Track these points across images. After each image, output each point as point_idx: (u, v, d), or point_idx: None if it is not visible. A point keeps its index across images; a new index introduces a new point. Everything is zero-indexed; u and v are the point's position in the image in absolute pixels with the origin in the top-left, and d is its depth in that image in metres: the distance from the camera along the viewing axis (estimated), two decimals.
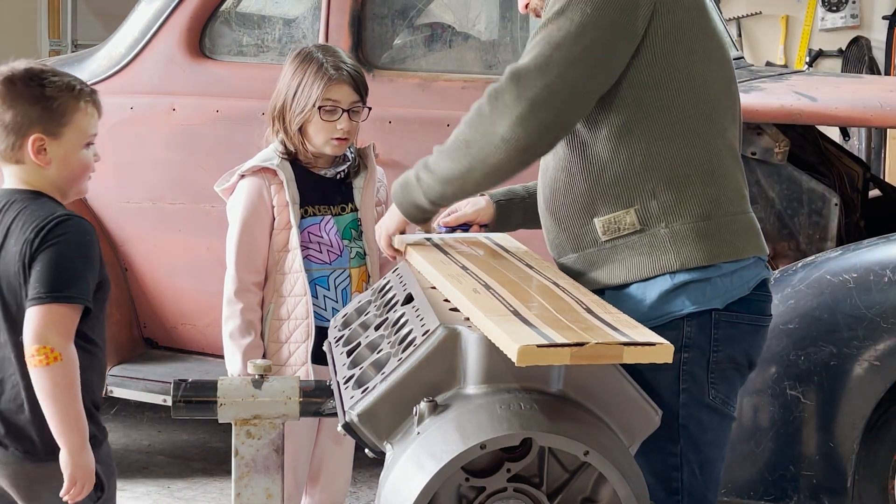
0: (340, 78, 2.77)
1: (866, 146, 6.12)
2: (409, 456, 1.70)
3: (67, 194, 2.34)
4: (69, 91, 2.26)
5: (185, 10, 3.70)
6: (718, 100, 2.11)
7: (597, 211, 2.08)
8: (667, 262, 2.04)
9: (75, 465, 2.20)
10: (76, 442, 2.20)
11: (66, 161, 2.28)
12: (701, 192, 2.05)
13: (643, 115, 2.04)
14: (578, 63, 1.97)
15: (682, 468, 2.09)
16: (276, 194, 2.80)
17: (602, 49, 1.99)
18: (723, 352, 2.07)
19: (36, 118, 2.24)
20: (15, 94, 2.25)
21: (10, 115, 2.24)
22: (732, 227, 2.07)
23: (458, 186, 2.09)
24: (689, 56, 2.06)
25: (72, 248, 2.22)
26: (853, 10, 7.61)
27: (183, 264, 3.74)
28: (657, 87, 2.04)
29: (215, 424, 2.49)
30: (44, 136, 2.24)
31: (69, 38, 8.92)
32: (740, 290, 2.08)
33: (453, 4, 4.12)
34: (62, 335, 2.18)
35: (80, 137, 2.28)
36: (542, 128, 1.98)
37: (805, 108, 3.25)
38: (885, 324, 2.84)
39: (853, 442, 2.89)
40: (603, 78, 2.01)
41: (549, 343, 1.60)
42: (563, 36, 1.98)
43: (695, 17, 2.08)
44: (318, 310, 2.82)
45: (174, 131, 3.70)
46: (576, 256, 2.12)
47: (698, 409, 2.08)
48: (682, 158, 2.05)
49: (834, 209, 3.24)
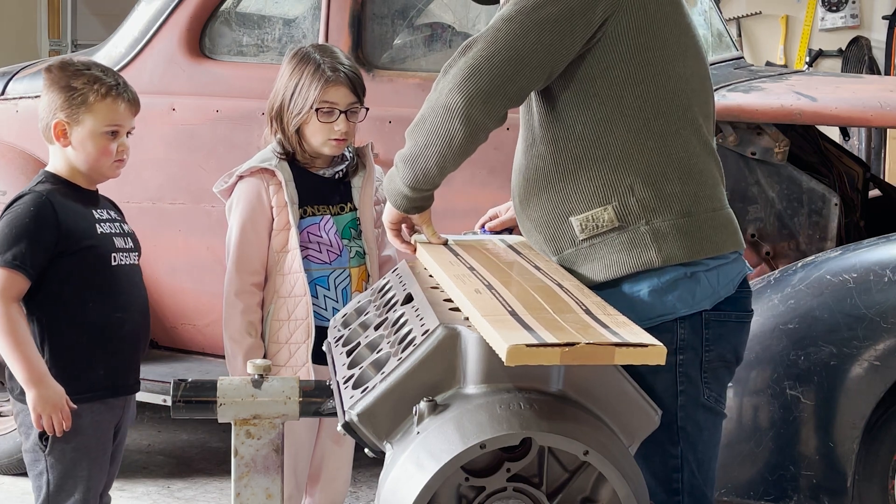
0: (338, 79, 2.77)
1: (866, 146, 6.12)
2: (409, 455, 1.70)
3: (92, 176, 2.62)
4: (92, 83, 2.55)
5: (185, 10, 3.70)
6: (694, 94, 2.10)
7: (573, 209, 2.06)
8: (648, 259, 2.02)
9: (32, 397, 2.46)
10: (27, 377, 2.46)
11: (84, 145, 2.56)
12: (680, 190, 2.04)
13: (618, 112, 2.03)
14: (527, 34, 1.96)
15: (682, 469, 2.09)
16: (274, 195, 2.80)
17: (552, 25, 1.97)
18: (714, 351, 2.08)
19: (60, 105, 2.55)
20: (49, 81, 2.57)
21: (44, 101, 2.59)
22: (712, 223, 2.07)
23: (422, 166, 2.06)
24: (664, 51, 2.05)
25: (13, 219, 2.50)
26: (853, 10, 7.61)
27: (183, 264, 3.74)
28: (632, 83, 2.03)
29: (215, 424, 2.50)
30: (66, 122, 2.55)
31: (69, 38, 8.93)
32: (727, 290, 2.08)
33: (453, 4, 4.11)
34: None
35: (99, 125, 2.55)
36: (483, 95, 1.97)
37: (805, 108, 3.24)
38: (885, 324, 2.84)
39: (853, 442, 2.89)
40: (550, 55, 1.99)
41: (540, 343, 1.60)
42: (517, 10, 1.98)
43: (668, 12, 2.07)
44: (318, 310, 2.82)
45: (174, 131, 3.70)
46: (556, 259, 2.11)
47: (695, 409, 2.08)
48: (658, 155, 2.04)
49: (834, 209, 3.24)
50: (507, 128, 2.13)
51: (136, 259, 2.69)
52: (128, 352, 2.64)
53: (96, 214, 2.62)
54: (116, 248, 2.61)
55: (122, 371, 2.62)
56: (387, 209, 2.23)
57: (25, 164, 3.78)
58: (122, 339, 2.61)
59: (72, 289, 2.54)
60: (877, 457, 2.97)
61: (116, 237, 2.63)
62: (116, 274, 2.60)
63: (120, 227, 2.67)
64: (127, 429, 2.72)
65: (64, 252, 2.52)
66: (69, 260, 2.53)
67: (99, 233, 2.59)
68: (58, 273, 2.53)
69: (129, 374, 2.66)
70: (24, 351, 2.46)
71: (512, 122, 2.08)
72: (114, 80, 2.59)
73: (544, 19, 1.97)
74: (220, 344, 2.88)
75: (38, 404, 2.46)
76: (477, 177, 3.36)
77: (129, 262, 2.65)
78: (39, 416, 2.46)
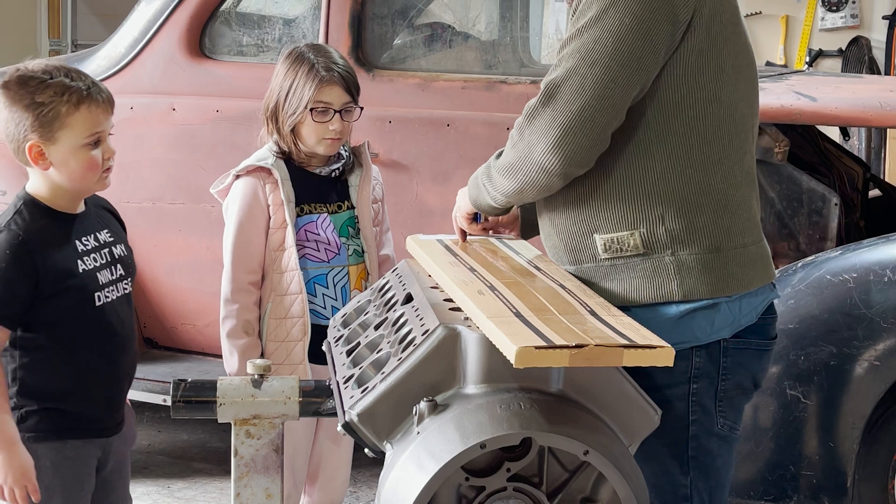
0: (332, 79, 2.77)
1: (866, 146, 6.12)
2: (409, 455, 1.70)
3: (80, 192, 2.36)
4: (60, 95, 2.25)
5: (185, 10, 3.70)
6: (742, 121, 2.01)
7: (598, 227, 1.99)
8: (669, 291, 1.96)
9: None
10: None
11: (66, 163, 2.29)
12: (712, 223, 1.97)
13: (662, 137, 1.95)
14: (616, 81, 1.87)
15: (692, 498, 2.05)
16: (271, 193, 2.81)
17: (638, 63, 1.88)
18: (731, 379, 2.02)
19: (30, 125, 2.25)
20: (10, 100, 2.26)
21: (11, 124, 2.27)
22: (741, 260, 1.99)
23: (518, 200, 2.07)
24: (719, 75, 1.95)
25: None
26: (853, 10, 7.61)
27: (183, 264, 3.74)
28: (681, 107, 1.94)
29: (215, 424, 2.49)
30: (40, 143, 2.26)
31: (69, 38, 8.93)
32: (748, 318, 2.02)
33: (453, 4, 4.12)
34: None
35: (77, 138, 2.27)
36: (581, 151, 1.89)
37: (805, 108, 3.24)
38: (885, 324, 2.84)
39: (853, 442, 2.89)
40: (638, 91, 1.91)
41: (548, 345, 1.60)
42: (599, 50, 1.87)
43: (730, 33, 1.97)
44: (316, 308, 2.83)
45: (174, 131, 3.70)
46: (574, 269, 2.06)
47: (707, 439, 2.03)
48: (697, 185, 1.96)
49: (834, 209, 3.23)
50: (507, 128, 2.13)
51: (126, 287, 2.44)
52: (108, 394, 2.41)
53: (80, 246, 2.35)
54: (100, 285, 2.36)
55: (99, 414, 2.39)
56: (464, 204, 2.22)
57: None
58: (104, 381, 2.39)
59: (50, 332, 2.32)
60: (877, 457, 2.97)
61: (102, 270, 2.38)
62: (101, 314, 2.36)
63: (109, 252, 2.41)
64: (123, 459, 2.49)
65: (41, 296, 2.28)
66: (46, 304, 2.29)
67: (81, 271, 2.33)
68: (36, 317, 2.29)
69: (108, 417, 2.41)
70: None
71: (512, 122, 2.07)
72: (83, 82, 2.29)
73: (628, 57, 1.87)
74: (220, 344, 2.88)
75: (3, 471, 2.23)
76: None
77: (115, 295, 2.40)
78: (1, 486, 2.23)
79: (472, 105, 3.42)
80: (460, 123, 3.43)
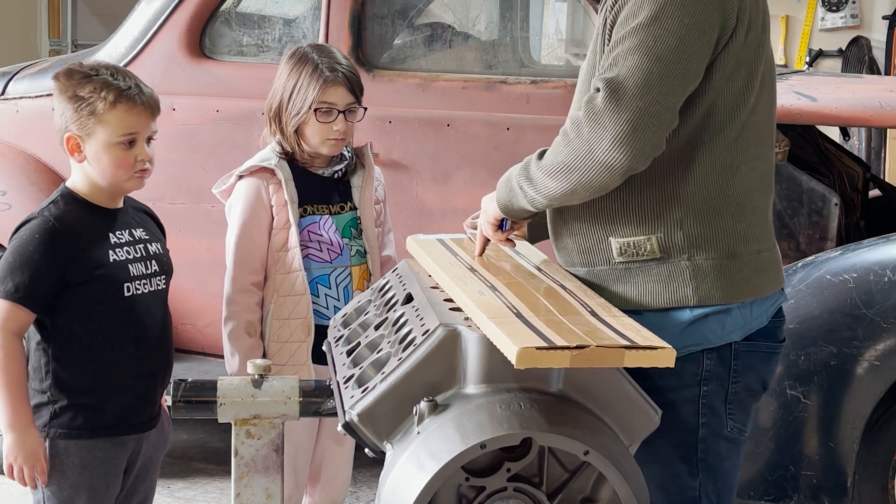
0: (336, 80, 2.77)
1: (866, 146, 6.12)
2: (409, 455, 1.70)
3: (114, 189, 2.43)
4: (99, 91, 2.34)
5: (185, 10, 3.70)
6: (763, 124, 2.02)
7: (615, 230, 1.98)
8: (684, 296, 1.95)
9: (9, 442, 2.30)
10: (9, 420, 2.30)
11: (99, 158, 2.36)
12: (730, 227, 1.96)
13: (688, 141, 1.94)
14: (681, 78, 1.85)
15: (700, 500, 2.05)
16: (274, 194, 2.81)
17: (698, 62, 1.87)
18: (741, 382, 2.02)
19: (70, 117, 2.35)
20: (57, 91, 2.37)
21: (57, 114, 2.38)
22: (755, 266, 1.99)
23: (563, 202, 1.97)
24: (749, 80, 1.95)
25: (18, 246, 2.33)
26: (853, 10, 7.61)
27: (183, 264, 3.71)
28: (710, 112, 1.94)
29: (215, 424, 2.49)
30: (78, 135, 2.36)
31: (69, 38, 8.93)
32: (759, 322, 2.02)
33: (453, 4, 4.12)
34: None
35: (111, 135, 2.35)
36: (647, 148, 1.85)
37: (805, 108, 3.24)
38: (885, 324, 2.84)
39: (853, 442, 2.89)
40: (693, 89, 1.90)
41: (549, 345, 1.60)
42: (662, 48, 1.84)
43: (762, 39, 1.98)
44: (319, 308, 2.83)
45: (174, 131, 3.70)
46: (585, 271, 2.04)
47: (717, 441, 2.03)
48: (717, 190, 1.95)
49: (834, 209, 3.23)
50: (507, 128, 2.12)
51: (161, 283, 2.48)
52: (141, 388, 2.44)
53: (113, 238, 2.41)
54: (131, 277, 2.40)
55: (132, 409, 2.43)
56: (491, 210, 2.12)
57: (25, 165, 3.78)
58: (135, 376, 2.42)
59: (80, 322, 2.36)
60: (877, 457, 2.97)
61: (134, 263, 2.42)
62: (131, 305, 2.40)
63: (144, 248, 2.46)
64: (153, 459, 2.54)
65: (70, 283, 2.34)
66: (76, 291, 2.34)
67: (111, 260, 2.38)
68: (66, 306, 2.34)
69: (141, 412, 2.45)
70: (12, 392, 2.30)
71: (512, 122, 2.07)
72: (125, 82, 2.37)
73: (689, 56, 1.86)
74: (220, 344, 2.88)
75: (13, 451, 2.30)
76: (477, 177, 3.36)
77: (148, 289, 2.44)
78: (11, 465, 2.30)
79: (473, 105, 3.42)
80: (460, 123, 3.43)
